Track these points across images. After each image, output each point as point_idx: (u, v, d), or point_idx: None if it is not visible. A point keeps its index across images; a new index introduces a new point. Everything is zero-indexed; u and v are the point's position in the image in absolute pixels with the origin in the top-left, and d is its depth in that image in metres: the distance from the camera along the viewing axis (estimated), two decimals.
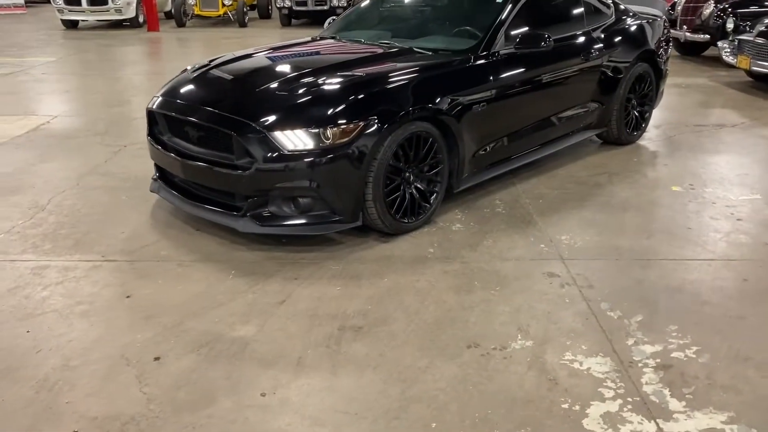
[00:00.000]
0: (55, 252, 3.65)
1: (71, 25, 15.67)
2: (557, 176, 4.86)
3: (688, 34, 9.90)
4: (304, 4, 15.46)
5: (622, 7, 5.60)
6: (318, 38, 5.07)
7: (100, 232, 3.90)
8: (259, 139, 3.41)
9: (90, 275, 3.38)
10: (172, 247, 3.70)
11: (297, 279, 3.33)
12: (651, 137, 5.90)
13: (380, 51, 4.40)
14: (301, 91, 3.67)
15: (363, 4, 5.41)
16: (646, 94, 5.65)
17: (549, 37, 4.27)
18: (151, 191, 4.20)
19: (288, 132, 3.42)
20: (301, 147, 3.41)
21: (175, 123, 3.87)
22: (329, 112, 3.48)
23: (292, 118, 3.48)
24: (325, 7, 15.19)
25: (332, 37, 4.97)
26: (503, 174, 4.63)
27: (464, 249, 3.67)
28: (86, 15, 15.31)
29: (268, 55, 4.49)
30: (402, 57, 4.24)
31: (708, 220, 4.08)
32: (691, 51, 10.50)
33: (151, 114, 4.05)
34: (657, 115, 6.56)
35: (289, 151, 3.40)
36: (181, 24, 15.88)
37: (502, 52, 4.28)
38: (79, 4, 15.03)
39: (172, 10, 16.05)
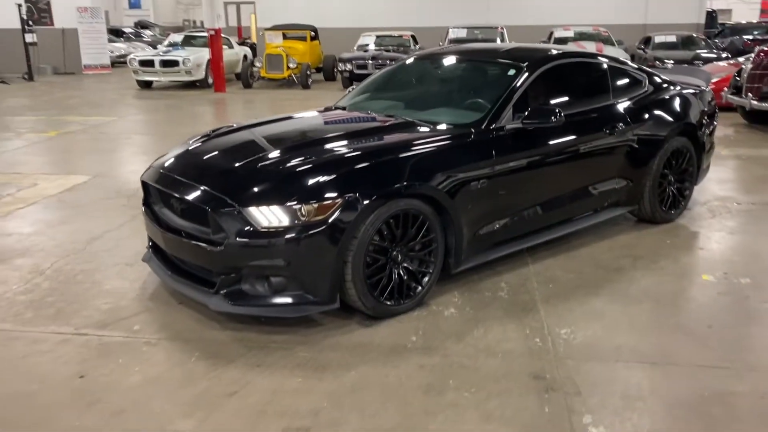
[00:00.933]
0: (32, 322, 3.59)
1: (145, 85, 16.50)
2: (577, 257, 4.50)
3: (754, 102, 9.32)
4: (365, 67, 15.71)
5: (658, 78, 5.26)
6: (332, 108, 4.98)
7: (85, 302, 3.84)
8: (233, 215, 3.29)
9: (55, 350, 3.29)
10: (147, 322, 3.58)
11: (259, 366, 3.12)
12: (693, 215, 5.44)
13: (379, 124, 4.25)
14: (282, 166, 3.55)
15: (381, 73, 5.31)
16: (686, 169, 5.23)
17: (559, 112, 4.01)
18: (142, 261, 4.13)
19: (263, 208, 3.27)
20: (276, 224, 3.25)
21: (163, 194, 3.82)
22: (306, 188, 3.33)
23: (268, 193, 3.34)
24: None
25: (342, 108, 4.87)
26: (517, 252, 4.32)
27: (450, 339, 3.37)
28: (159, 76, 16.09)
29: (266, 127, 4.42)
30: (400, 130, 4.08)
31: (734, 318, 3.62)
32: (757, 119, 9.88)
33: (143, 184, 4.02)
34: (705, 189, 6.09)
35: (263, 228, 3.25)
36: (247, 86, 16.43)
37: (508, 126, 4.04)
38: (153, 66, 15.84)
39: (241, 73, 16.67)
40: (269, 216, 3.26)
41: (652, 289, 3.97)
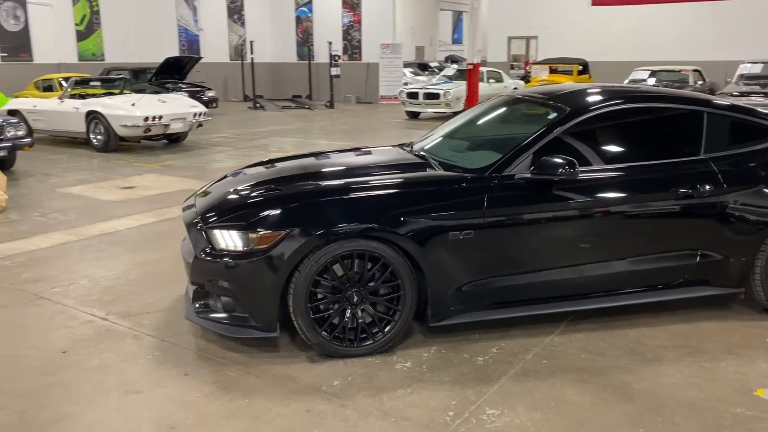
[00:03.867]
0: (88, 303, 4.39)
1: (413, 115, 17.78)
2: (616, 336, 3.79)
3: None
4: None
5: None
6: (401, 146, 4.89)
7: (139, 296, 4.54)
8: (200, 233, 3.62)
9: (74, 327, 3.99)
10: (158, 321, 4.10)
11: (187, 375, 3.38)
12: None
13: (390, 162, 4.25)
14: (249, 195, 3.75)
15: (460, 119, 5.03)
16: None
17: (570, 164, 3.48)
18: None
19: (224, 231, 3.53)
20: (231, 247, 3.49)
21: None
22: (257, 217, 3.49)
23: (227, 218, 3.59)
24: None
25: (408, 145, 4.81)
26: (558, 315, 3.88)
27: (367, 392, 3.20)
28: (422, 107, 17.21)
29: (283, 163, 4.56)
30: (399, 170, 3.99)
31: None
32: None
33: None
34: None
35: (218, 249, 3.51)
36: None
37: (518, 176, 3.63)
38: (417, 98, 17.01)
39: None
40: (227, 239, 3.51)
41: (675, 395, 3.16)
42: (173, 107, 11.54)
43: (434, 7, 30.88)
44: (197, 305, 3.71)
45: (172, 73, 18.73)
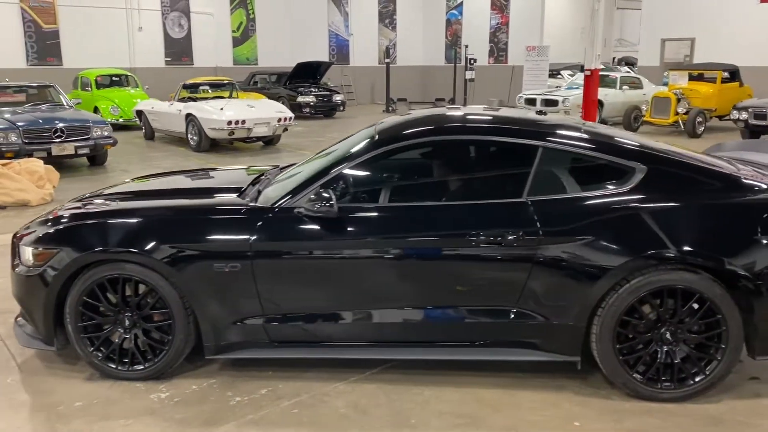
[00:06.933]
0: None
1: None
2: (401, 393, 3.37)
3: None
4: (764, 118, 12.68)
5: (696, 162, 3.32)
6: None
7: None
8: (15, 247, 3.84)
9: None
10: None
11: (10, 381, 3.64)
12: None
13: (215, 186, 4.28)
14: (50, 215, 3.84)
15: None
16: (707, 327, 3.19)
17: (325, 201, 3.19)
18: None
19: (28, 247, 3.69)
20: (29, 262, 3.66)
21: None
22: (42, 235, 3.61)
23: (29, 233, 3.72)
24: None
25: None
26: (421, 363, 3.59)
27: (90, 419, 3.20)
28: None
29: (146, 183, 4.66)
30: (200, 196, 3.97)
31: None
32: None
33: None
34: None
35: (23, 263, 3.71)
36: (630, 129, 15.16)
37: (297, 210, 3.38)
38: (535, 104, 16.16)
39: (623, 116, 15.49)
40: (27, 253, 3.68)
41: None
42: (258, 112, 12.17)
43: (610, 5, 29.01)
44: (18, 317, 3.93)
45: (306, 77, 19.70)
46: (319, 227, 3.34)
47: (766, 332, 3.20)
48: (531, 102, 16.37)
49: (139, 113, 14.23)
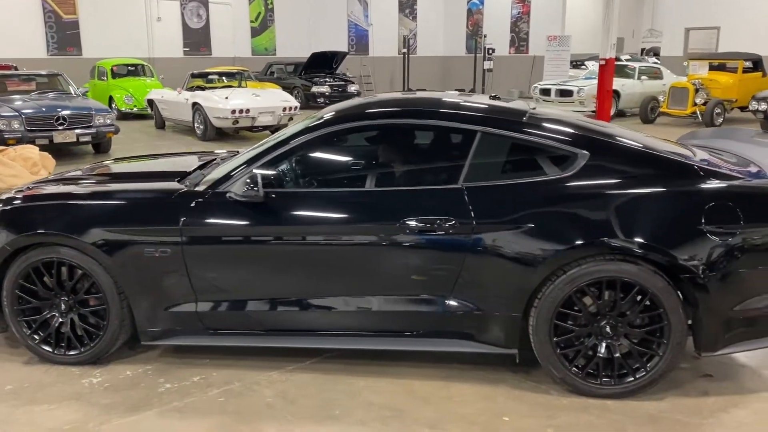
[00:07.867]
0: None
1: None
2: (335, 383, 3.29)
3: None
4: None
5: (641, 148, 3.15)
6: None
7: None
8: None
9: None
10: None
11: None
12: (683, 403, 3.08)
13: (164, 171, 4.15)
14: (16, 195, 3.80)
15: None
16: (647, 322, 3.03)
17: (253, 184, 3.11)
18: None
19: None
20: None
21: None
22: None
23: None
24: None
25: None
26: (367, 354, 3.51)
27: (19, 402, 3.18)
28: (555, 105, 15.99)
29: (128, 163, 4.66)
30: (140, 180, 3.95)
31: None
32: None
33: None
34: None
35: None
36: (646, 121, 14.82)
37: (229, 194, 3.31)
38: (549, 94, 15.86)
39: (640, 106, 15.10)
40: None
41: None
42: (263, 101, 12.15)
43: None
44: None
45: (322, 68, 19.63)
46: (246, 212, 3.26)
47: (711, 328, 3.04)
48: (545, 92, 16.09)
49: (151, 102, 14.32)
